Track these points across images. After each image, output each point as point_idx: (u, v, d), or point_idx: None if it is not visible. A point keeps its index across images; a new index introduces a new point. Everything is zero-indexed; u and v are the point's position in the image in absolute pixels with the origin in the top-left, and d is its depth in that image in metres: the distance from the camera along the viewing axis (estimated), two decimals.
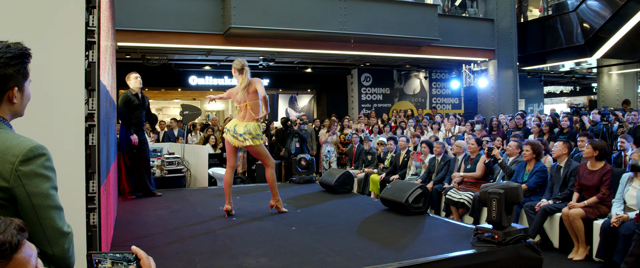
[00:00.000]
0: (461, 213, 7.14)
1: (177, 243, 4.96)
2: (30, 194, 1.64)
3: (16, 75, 1.69)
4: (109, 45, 5.20)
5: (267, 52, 12.73)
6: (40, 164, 1.66)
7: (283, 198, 6.84)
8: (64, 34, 3.09)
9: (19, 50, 1.69)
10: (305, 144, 11.56)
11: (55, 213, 1.69)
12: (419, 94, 17.53)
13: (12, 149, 1.64)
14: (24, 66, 1.71)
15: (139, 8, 10.28)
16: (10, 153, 1.63)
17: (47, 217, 1.66)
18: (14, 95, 1.72)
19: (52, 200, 1.69)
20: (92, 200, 3.23)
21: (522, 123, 10.46)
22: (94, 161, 3.23)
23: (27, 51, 1.72)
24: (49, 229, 1.66)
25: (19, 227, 1.23)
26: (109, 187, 4.52)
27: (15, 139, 1.67)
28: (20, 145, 1.65)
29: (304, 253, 4.57)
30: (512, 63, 14.34)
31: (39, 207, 1.65)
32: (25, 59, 1.71)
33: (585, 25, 13.64)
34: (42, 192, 1.66)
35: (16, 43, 1.70)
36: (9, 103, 1.72)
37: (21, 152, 1.64)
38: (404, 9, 12.57)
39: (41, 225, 1.66)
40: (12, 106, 1.74)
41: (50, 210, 1.67)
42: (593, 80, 20.15)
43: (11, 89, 1.70)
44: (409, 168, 8.79)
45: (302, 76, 17.12)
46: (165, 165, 8.78)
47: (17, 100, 1.74)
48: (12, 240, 1.20)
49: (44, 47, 2.88)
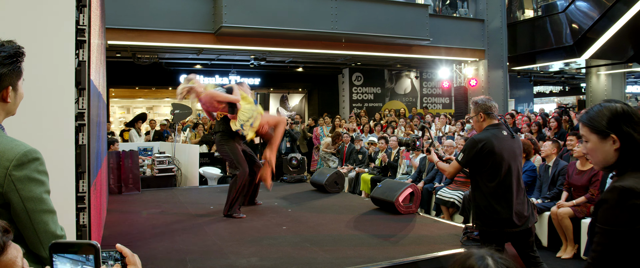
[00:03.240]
0: (451, 213, 7.17)
1: (168, 242, 4.94)
2: (23, 199, 1.64)
3: (10, 74, 1.69)
4: (100, 44, 5.18)
5: (258, 51, 12.71)
6: (33, 169, 1.67)
7: (275, 196, 6.84)
8: (55, 32, 3.08)
9: (12, 49, 1.68)
10: (295, 143, 11.56)
11: (48, 217, 1.70)
12: (410, 93, 17.58)
13: (5, 154, 1.63)
14: (17, 65, 1.71)
15: (129, 6, 10.22)
16: (4, 158, 1.63)
17: (40, 221, 1.67)
18: (8, 95, 1.71)
19: (46, 205, 1.70)
20: (82, 199, 3.22)
21: (512, 123, 10.52)
22: (84, 160, 3.22)
23: (21, 50, 1.71)
24: (43, 233, 1.66)
25: (4, 229, 1.23)
26: (98, 186, 4.51)
27: (9, 143, 1.67)
28: (13, 149, 1.65)
29: (295, 252, 4.58)
30: (502, 63, 14.42)
31: (32, 211, 1.66)
32: (19, 58, 1.71)
33: (574, 25, 13.75)
34: (36, 197, 1.67)
35: (9, 41, 1.70)
36: (2, 102, 1.72)
37: (15, 156, 1.64)
38: (394, 9, 12.59)
39: (35, 229, 1.67)
40: (6, 105, 1.73)
41: (44, 214, 1.68)
42: (582, 81, 20.31)
43: (5, 88, 1.70)
44: (400, 167, 8.82)
45: (293, 75, 17.11)
46: (156, 165, 8.75)
47: (11, 99, 1.73)
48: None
49: (34, 45, 2.86)
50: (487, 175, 3.70)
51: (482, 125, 3.83)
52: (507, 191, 3.67)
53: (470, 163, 3.76)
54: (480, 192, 3.74)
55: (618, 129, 1.75)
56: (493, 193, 3.67)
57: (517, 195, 3.69)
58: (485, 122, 3.81)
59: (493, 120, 3.81)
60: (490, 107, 3.80)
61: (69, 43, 3.12)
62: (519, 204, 3.68)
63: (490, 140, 3.66)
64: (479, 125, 3.86)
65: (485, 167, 3.69)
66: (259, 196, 6.90)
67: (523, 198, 3.76)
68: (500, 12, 14.38)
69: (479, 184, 3.76)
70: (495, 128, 3.76)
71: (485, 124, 3.81)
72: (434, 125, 12.04)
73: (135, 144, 10.06)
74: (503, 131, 3.77)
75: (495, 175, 3.67)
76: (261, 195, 6.91)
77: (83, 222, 3.22)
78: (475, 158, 3.70)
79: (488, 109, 3.80)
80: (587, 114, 1.85)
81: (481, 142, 3.67)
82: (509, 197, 3.66)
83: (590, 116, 1.83)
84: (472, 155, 3.70)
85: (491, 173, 3.68)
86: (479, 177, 3.76)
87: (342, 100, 17.06)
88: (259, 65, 14.45)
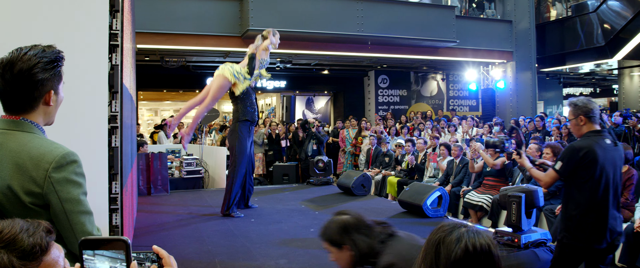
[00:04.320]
0: (479, 216, 7.08)
1: (197, 244, 4.99)
2: (62, 200, 1.69)
3: (52, 78, 1.74)
4: (130, 48, 5.27)
5: (284, 54, 12.76)
6: (71, 171, 1.71)
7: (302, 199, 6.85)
8: (89, 37, 3.14)
9: (53, 54, 1.73)
10: (322, 146, 11.58)
11: (85, 218, 1.74)
12: (436, 95, 17.43)
13: (45, 156, 1.68)
14: (58, 69, 1.76)
15: (158, 10, 10.37)
16: (44, 160, 1.67)
17: (78, 222, 1.72)
18: (50, 99, 1.76)
19: (83, 206, 1.74)
20: (114, 200, 3.27)
21: (542, 125, 10.35)
22: (116, 162, 3.28)
23: (61, 54, 1.76)
24: (80, 233, 1.70)
25: (47, 229, 1.26)
26: (129, 187, 4.58)
27: (49, 146, 1.72)
28: (53, 152, 1.70)
29: (323, 255, 4.56)
30: (530, 65, 14.19)
31: (70, 212, 1.70)
32: (60, 62, 1.76)
33: (606, 26, 13.45)
34: (74, 198, 1.71)
35: (49, 46, 1.74)
36: (45, 106, 1.77)
37: (54, 159, 1.68)
38: (421, 11, 12.52)
39: (73, 230, 1.71)
40: (48, 109, 1.78)
41: (81, 215, 1.73)
42: (614, 82, 19.87)
43: (48, 92, 1.75)
44: (427, 169, 8.75)
45: (319, 78, 17.13)
46: (184, 167, 8.85)
47: (53, 102, 1.78)
48: (41, 242, 1.22)
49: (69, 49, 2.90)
50: (585, 186, 3.38)
51: (582, 130, 3.46)
52: (604, 205, 3.37)
53: (569, 173, 3.44)
54: (575, 203, 3.42)
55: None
56: (589, 206, 3.38)
57: (612, 209, 3.40)
58: (586, 126, 3.44)
59: (595, 126, 3.43)
60: (591, 109, 3.42)
61: (102, 47, 3.18)
62: (612, 219, 3.40)
63: (592, 149, 3.33)
64: (578, 130, 3.48)
65: (584, 177, 3.37)
66: (286, 198, 6.91)
67: (617, 212, 3.46)
68: (528, 13, 14.15)
69: (574, 194, 3.44)
70: (598, 135, 3.41)
71: (586, 129, 3.44)
72: (460, 128, 11.91)
73: (164, 146, 10.20)
74: (606, 139, 3.42)
75: (594, 187, 3.35)
76: (288, 197, 6.91)
77: (116, 223, 3.27)
78: (575, 168, 3.38)
79: (589, 111, 3.41)
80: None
81: (582, 150, 3.34)
82: (605, 212, 3.37)
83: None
84: (572, 164, 3.38)
85: (589, 184, 3.36)
86: (575, 187, 3.43)
87: (367, 103, 17.00)
88: (285, 67, 14.50)
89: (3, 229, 1.18)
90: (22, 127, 1.73)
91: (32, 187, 1.66)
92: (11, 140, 1.70)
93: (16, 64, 1.65)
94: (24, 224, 1.22)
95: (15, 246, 1.17)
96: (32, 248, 1.20)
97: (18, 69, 1.65)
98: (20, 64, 1.65)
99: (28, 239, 1.19)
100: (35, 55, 1.68)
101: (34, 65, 1.67)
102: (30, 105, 1.73)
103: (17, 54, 1.67)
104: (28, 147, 1.69)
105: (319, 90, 18.27)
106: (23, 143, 1.70)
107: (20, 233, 1.19)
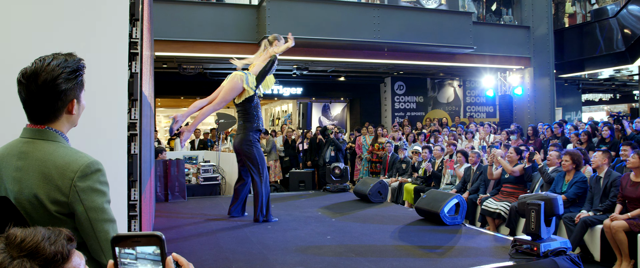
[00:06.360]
0: (497, 224, 7.01)
1: (214, 250, 5.01)
2: (87, 209, 1.71)
3: (75, 87, 1.77)
4: (149, 55, 5.33)
5: (301, 61, 12.80)
6: (96, 180, 1.74)
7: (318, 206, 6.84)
8: (109, 45, 3.18)
9: (75, 63, 1.76)
10: (340, 153, 11.56)
11: (109, 226, 1.76)
12: (453, 102, 17.33)
13: (70, 165, 1.71)
14: (80, 78, 1.79)
15: (175, 18, 10.49)
16: (69, 169, 1.70)
17: (102, 230, 1.73)
18: (73, 107, 1.79)
19: (107, 214, 1.76)
20: (133, 207, 3.31)
21: (560, 132, 10.23)
22: (136, 169, 3.31)
23: (82, 62, 1.79)
24: (104, 241, 1.72)
25: (68, 237, 1.27)
26: (148, 194, 4.62)
27: (73, 155, 1.74)
28: (77, 161, 1.72)
29: (340, 262, 4.56)
30: (548, 70, 14.06)
31: (95, 220, 1.72)
32: (81, 71, 1.78)
33: (627, 31, 13.27)
34: (98, 207, 1.73)
35: (70, 55, 1.77)
36: (68, 115, 1.80)
37: (79, 168, 1.71)
38: (438, 17, 12.48)
39: (97, 238, 1.73)
40: (71, 117, 1.82)
41: (105, 223, 1.75)
42: (634, 88, 19.57)
43: (71, 101, 1.78)
44: (444, 176, 8.70)
45: (335, 85, 17.14)
46: (201, 173, 8.90)
47: (76, 111, 1.81)
48: (63, 250, 1.24)
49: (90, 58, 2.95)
50: None
51: None
52: None
53: None
54: None
55: None
56: None
57: None
58: None
59: None
60: None
61: (122, 55, 3.22)
62: None
63: None
64: None
65: None
66: (303, 205, 6.91)
67: None
68: (546, 19, 14.03)
69: None
70: None
71: None
72: (477, 134, 11.82)
73: (181, 153, 10.28)
74: None
75: None
76: (304, 204, 6.91)
77: (134, 229, 3.30)
78: None
79: None
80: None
81: None
82: None
83: None
84: None
85: None
86: None
87: (384, 109, 16.96)
88: (301, 74, 14.54)
89: (25, 238, 1.20)
90: (47, 136, 1.76)
91: (57, 195, 1.68)
92: (37, 149, 1.73)
93: (40, 74, 1.68)
94: (46, 232, 1.24)
95: (38, 255, 1.19)
96: (54, 256, 1.21)
97: (42, 79, 1.68)
98: (44, 75, 1.68)
99: (50, 248, 1.21)
100: (58, 65, 1.70)
101: (57, 76, 1.69)
102: (54, 115, 1.76)
103: (40, 64, 1.70)
104: (54, 156, 1.72)
105: (335, 97, 18.27)
106: (48, 152, 1.72)
107: (42, 242, 1.21)
